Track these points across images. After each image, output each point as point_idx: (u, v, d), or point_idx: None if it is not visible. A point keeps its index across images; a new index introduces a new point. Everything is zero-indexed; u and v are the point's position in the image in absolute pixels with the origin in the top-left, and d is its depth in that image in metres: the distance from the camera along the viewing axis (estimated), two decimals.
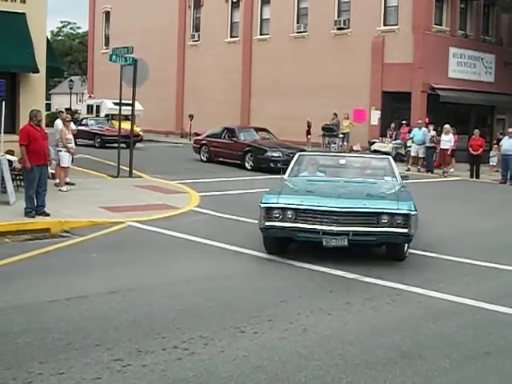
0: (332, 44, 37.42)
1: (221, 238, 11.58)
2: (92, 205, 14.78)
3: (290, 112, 37.04)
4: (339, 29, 37.37)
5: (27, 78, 17.62)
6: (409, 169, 27.61)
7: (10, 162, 14.96)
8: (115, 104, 31.30)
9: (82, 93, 68.37)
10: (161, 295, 8.29)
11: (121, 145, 32.53)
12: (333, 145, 34.21)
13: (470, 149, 26.36)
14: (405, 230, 9.81)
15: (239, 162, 25.64)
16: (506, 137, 25.66)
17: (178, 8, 48.03)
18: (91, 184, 18.40)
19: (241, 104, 43.09)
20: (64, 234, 12.10)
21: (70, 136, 17.77)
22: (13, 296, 8.01)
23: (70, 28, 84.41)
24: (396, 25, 34.84)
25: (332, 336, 6.88)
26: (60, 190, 16.62)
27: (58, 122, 18.40)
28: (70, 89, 64.47)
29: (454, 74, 34.85)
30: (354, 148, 34.42)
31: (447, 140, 26.75)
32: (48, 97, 65.65)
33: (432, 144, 27.41)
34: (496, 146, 28.93)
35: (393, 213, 9.80)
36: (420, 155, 28.07)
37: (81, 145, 33.77)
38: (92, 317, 7.29)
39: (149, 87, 25.52)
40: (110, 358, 6.02)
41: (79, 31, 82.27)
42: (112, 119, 38.36)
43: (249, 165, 25.15)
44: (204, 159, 27.92)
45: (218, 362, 6.04)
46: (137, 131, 36.24)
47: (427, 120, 29.87)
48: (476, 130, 27.23)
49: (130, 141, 21.59)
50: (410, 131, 30.07)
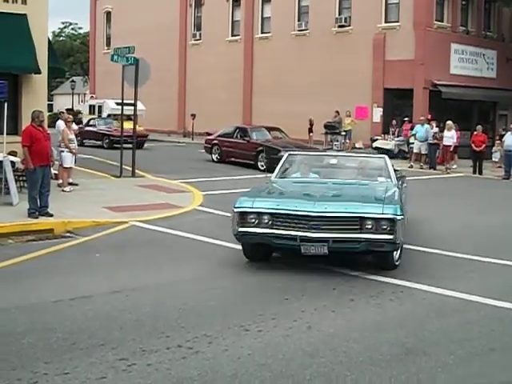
0: (333, 41, 37.38)
1: (224, 237, 11.57)
2: (95, 205, 14.79)
3: (292, 110, 37.00)
4: (340, 26, 37.34)
5: (29, 79, 17.63)
6: (411, 166, 27.65)
7: (13, 163, 14.97)
8: (117, 104, 31.34)
9: (84, 93, 68.38)
10: (164, 294, 8.30)
11: (129, 145, 32.81)
12: (335, 142, 34.20)
13: (473, 145, 26.33)
14: (390, 237, 8.95)
15: (252, 162, 25.05)
16: (509, 132, 25.62)
17: (179, 7, 48.02)
18: (94, 184, 18.42)
19: (243, 102, 43.08)
20: (67, 235, 12.12)
21: (73, 136, 17.78)
22: (17, 296, 8.03)
23: (72, 29, 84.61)
24: (397, 21, 34.81)
25: (336, 333, 6.88)
26: (63, 191, 16.64)
27: (60, 123, 18.41)
28: (72, 89, 64.52)
29: (456, 71, 34.81)
30: (357, 145, 34.43)
31: (450, 136, 26.73)
32: (50, 98, 65.62)
33: (434, 141, 27.39)
34: (498, 142, 28.91)
35: (377, 217, 8.99)
36: (423, 152, 28.06)
37: (89, 145, 33.83)
38: (96, 317, 7.30)
39: (151, 87, 25.52)
40: (115, 358, 6.03)
41: (80, 32, 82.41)
42: (115, 119, 38.42)
43: (262, 165, 24.36)
44: (215, 159, 27.48)
45: (223, 361, 6.04)
46: (143, 131, 36.33)
47: (429, 116, 29.85)
48: (478, 126, 27.20)
49: (133, 140, 21.53)
50: (412, 128, 30.06)
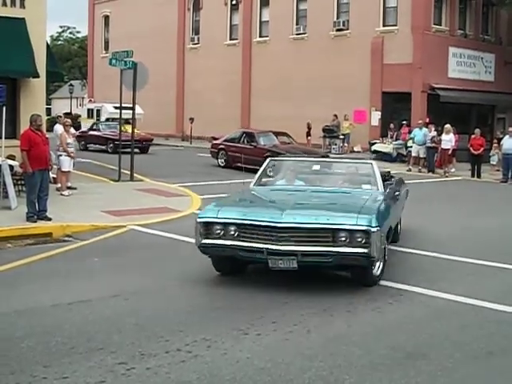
0: (331, 45, 37.44)
1: None
2: (94, 209, 14.79)
3: (290, 113, 37.03)
4: (338, 30, 37.43)
5: (27, 83, 17.63)
6: (410, 169, 27.66)
7: (12, 167, 14.97)
8: (116, 108, 31.34)
9: (83, 97, 68.40)
10: (163, 298, 8.30)
11: (134, 150, 32.68)
12: (333, 146, 34.26)
13: (471, 148, 26.33)
14: (364, 250, 8.17)
15: (259, 168, 24.43)
16: (507, 136, 25.64)
17: (178, 11, 48.10)
18: (93, 188, 18.41)
19: (241, 106, 43.15)
20: (66, 239, 12.11)
21: (71, 140, 17.77)
22: (16, 301, 8.01)
23: (70, 33, 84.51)
24: (395, 25, 34.89)
25: (336, 337, 6.88)
26: (62, 195, 16.64)
27: (58, 127, 18.41)
28: (71, 93, 64.53)
29: (454, 74, 34.89)
30: (355, 149, 34.51)
31: (448, 140, 26.72)
32: (48, 101, 65.74)
33: (433, 144, 27.40)
34: (496, 146, 28.92)
35: (350, 229, 8.23)
36: (421, 155, 28.06)
37: (93, 150, 33.68)
38: (95, 320, 7.29)
39: (149, 90, 25.53)
40: (114, 362, 6.02)
41: (79, 36, 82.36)
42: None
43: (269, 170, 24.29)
44: (221, 164, 26.97)
45: (222, 365, 6.04)
46: (148, 136, 36.26)
47: (427, 120, 29.88)
48: (477, 130, 27.21)
49: (132, 144, 21.50)
50: (410, 131, 30.10)
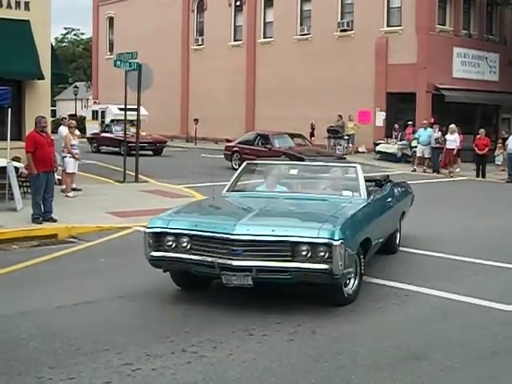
0: (335, 46, 37.45)
1: None
2: (99, 210, 14.82)
3: (295, 114, 37.04)
4: (342, 30, 37.45)
5: (32, 85, 17.68)
6: (415, 169, 27.66)
7: (17, 169, 15.02)
8: (120, 109, 31.41)
9: (87, 99, 68.57)
10: (168, 299, 8.31)
11: (148, 152, 32.58)
12: (338, 147, 34.24)
13: (476, 148, 26.31)
14: (325, 267, 7.25)
15: None
16: None
17: (182, 12, 48.19)
18: (97, 189, 18.45)
19: (245, 107, 43.19)
20: (71, 240, 12.14)
21: (76, 142, 17.82)
22: (21, 302, 8.04)
23: (74, 34, 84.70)
24: (399, 26, 34.90)
25: (340, 337, 6.89)
26: (67, 196, 16.68)
27: (62, 129, 18.45)
28: (75, 95, 64.63)
29: (459, 74, 34.87)
30: (360, 149, 34.53)
31: (453, 140, 26.69)
32: (53, 103, 65.79)
33: (437, 145, 27.38)
34: (500, 145, 28.88)
35: (310, 242, 7.32)
36: (426, 156, 28.01)
37: (105, 152, 33.55)
38: (100, 322, 7.32)
39: (153, 92, 25.58)
40: (120, 363, 6.04)
41: (83, 37, 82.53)
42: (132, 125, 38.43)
43: None
44: (235, 167, 25.49)
45: (227, 365, 6.05)
46: (162, 138, 36.21)
47: (432, 120, 29.85)
48: (481, 130, 27.19)
49: (136, 145, 21.53)
50: (414, 132, 30.09)
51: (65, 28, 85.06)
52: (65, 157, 17.29)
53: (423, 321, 7.57)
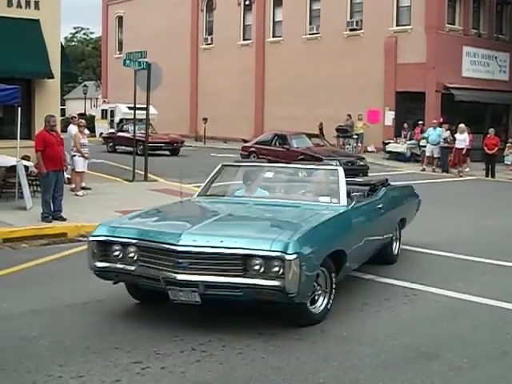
0: (345, 45, 37.43)
1: None
2: (108, 209, 14.82)
3: (304, 113, 37.05)
4: (352, 30, 37.41)
5: (42, 84, 17.72)
6: (424, 169, 27.65)
7: (27, 168, 15.06)
8: (129, 108, 31.34)
9: (96, 98, 68.68)
10: None
11: (165, 152, 32.32)
12: (347, 146, 34.20)
13: (485, 148, 26.26)
14: (276, 283, 6.46)
15: None
16: None
17: (191, 11, 48.25)
18: (107, 188, 18.48)
19: (254, 106, 43.19)
20: (81, 239, 12.13)
21: (85, 141, 17.85)
22: (31, 300, 8.07)
23: (84, 34, 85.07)
24: (409, 25, 34.83)
25: (350, 337, 6.88)
26: (76, 195, 16.72)
27: (71, 128, 18.49)
28: (85, 94, 64.85)
29: (468, 73, 34.77)
30: (369, 149, 34.48)
31: (462, 139, 26.65)
32: (62, 102, 65.99)
33: (446, 144, 27.32)
34: (510, 145, 28.80)
35: (262, 255, 6.51)
36: (435, 155, 27.98)
37: (121, 152, 33.08)
38: (110, 320, 7.34)
39: (163, 91, 25.59)
40: (129, 361, 6.05)
41: (92, 37, 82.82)
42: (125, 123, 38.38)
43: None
44: None
45: (237, 364, 6.06)
46: (178, 137, 36.04)
47: (441, 120, 29.79)
48: (491, 129, 27.14)
49: (144, 144, 21.53)
50: (423, 131, 30.05)
51: (74, 27, 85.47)
52: (74, 156, 17.33)
53: (433, 320, 7.55)
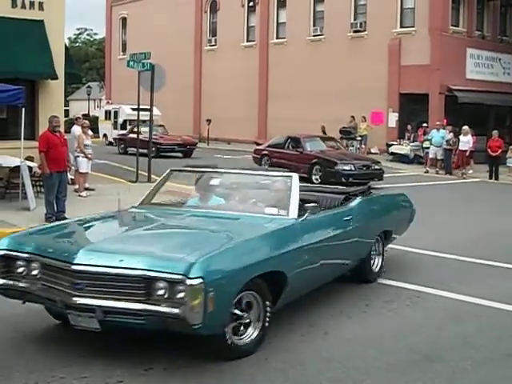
0: (348, 47, 37.40)
1: None
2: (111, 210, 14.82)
3: (307, 115, 37.00)
4: (356, 31, 37.37)
5: (46, 85, 17.74)
6: (427, 171, 27.62)
7: (30, 168, 15.09)
8: (133, 109, 31.32)
9: (100, 99, 68.82)
10: None
11: (178, 154, 32.12)
12: (350, 148, 34.17)
13: (489, 150, 26.23)
14: (176, 312, 5.54)
15: (305, 176, 21.92)
16: None
17: (195, 13, 48.26)
18: (110, 189, 18.48)
19: (258, 107, 43.19)
20: None
21: (89, 142, 17.87)
22: None
23: (87, 35, 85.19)
24: (412, 26, 34.79)
25: (353, 339, 6.88)
26: (79, 196, 16.73)
27: (75, 129, 18.51)
28: (88, 95, 64.88)
29: (472, 75, 34.71)
30: (372, 151, 34.45)
31: (466, 141, 26.63)
32: (66, 103, 66.06)
33: (448, 146, 27.29)
34: None
35: (163, 278, 5.61)
36: (438, 157, 27.92)
37: (133, 154, 32.31)
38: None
39: (166, 92, 25.61)
40: (133, 362, 6.05)
41: (96, 38, 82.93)
42: (130, 124, 38.38)
43: (316, 178, 22.28)
44: None
45: (240, 365, 6.06)
46: (192, 139, 35.86)
47: (445, 122, 29.76)
48: (495, 131, 27.11)
49: (149, 145, 21.54)
50: (425, 133, 30.05)
51: (77, 28, 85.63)
52: (78, 156, 17.35)
53: (436, 322, 7.54)
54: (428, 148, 28.63)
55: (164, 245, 6.26)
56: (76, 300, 5.80)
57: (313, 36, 39.94)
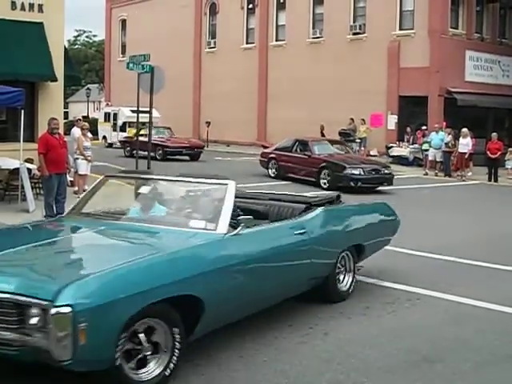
0: (348, 49, 37.43)
1: None
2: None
3: (307, 117, 37.03)
4: (355, 34, 37.41)
5: (45, 87, 17.76)
6: (426, 173, 27.63)
7: (29, 170, 15.09)
8: (132, 111, 31.36)
9: (99, 101, 68.81)
10: None
11: (185, 157, 31.72)
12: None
13: (488, 152, 26.25)
14: (43, 343, 4.84)
15: (313, 180, 22.23)
16: None
17: (194, 15, 48.29)
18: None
19: (257, 109, 43.20)
20: None
21: (88, 144, 17.87)
22: None
23: (86, 36, 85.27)
24: (412, 29, 34.83)
25: (352, 340, 6.88)
26: (79, 198, 16.68)
27: (75, 130, 18.51)
28: (88, 97, 64.93)
29: (471, 78, 34.74)
30: (371, 153, 34.44)
31: (465, 144, 26.63)
32: (65, 105, 65.97)
33: (447, 149, 27.29)
34: (511, 149, 28.75)
35: (35, 303, 4.86)
36: (438, 159, 27.92)
37: (140, 157, 32.22)
38: None
39: (166, 94, 25.60)
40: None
41: (95, 39, 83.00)
42: (129, 127, 38.38)
43: (324, 183, 21.83)
44: (272, 175, 24.79)
45: (239, 367, 6.05)
46: (199, 142, 35.43)
47: (444, 124, 29.77)
48: (494, 134, 27.13)
49: (148, 147, 21.53)
50: (424, 136, 30.06)
51: (76, 30, 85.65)
52: (77, 158, 17.35)
53: (435, 324, 7.55)
54: (427, 150, 28.63)
55: (43, 265, 5.56)
56: None
57: (312, 38, 39.96)
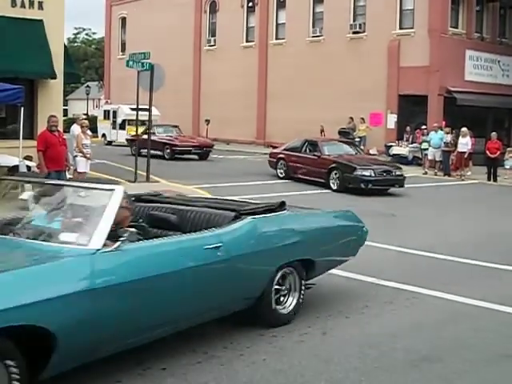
0: (348, 48, 37.44)
1: None
2: None
3: (306, 116, 37.04)
4: (355, 33, 37.41)
5: (45, 84, 17.76)
6: (426, 172, 27.63)
7: (29, 168, 15.07)
8: (132, 109, 31.33)
9: (99, 98, 68.76)
10: None
11: (194, 156, 31.46)
12: None
13: (488, 152, 26.24)
14: None
15: (323, 181, 21.69)
16: None
17: (194, 13, 48.26)
18: None
19: (257, 108, 43.20)
20: None
21: (87, 141, 17.84)
22: None
23: (86, 34, 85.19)
24: (412, 28, 34.84)
25: (351, 339, 6.87)
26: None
27: (74, 128, 18.48)
28: (87, 94, 64.85)
29: (471, 77, 34.75)
30: (371, 152, 34.42)
31: (464, 143, 26.63)
32: (65, 103, 65.91)
33: (447, 148, 27.29)
34: (510, 149, 28.75)
35: None
36: (437, 158, 27.90)
37: (146, 156, 31.76)
38: None
39: (165, 92, 25.65)
40: (131, 362, 6.03)
41: (95, 37, 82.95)
42: (129, 124, 38.33)
43: (334, 184, 21.22)
44: (281, 176, 24.25)
45: (238, 366, 6.05)
46: (209, 141, 34.61)
47: (443, 123, 29.78)
48: (493, 133, 27.13)
49: (148, 146, 21.56)
50: (423, 135, 30.06)
51: (75, 28, 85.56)
52: (76, 156, 17.32)
53: (434, 324, 7.54)
54: (426, 149, 28.63)
55: None
56: None
57: (312, 37, 39.96)
